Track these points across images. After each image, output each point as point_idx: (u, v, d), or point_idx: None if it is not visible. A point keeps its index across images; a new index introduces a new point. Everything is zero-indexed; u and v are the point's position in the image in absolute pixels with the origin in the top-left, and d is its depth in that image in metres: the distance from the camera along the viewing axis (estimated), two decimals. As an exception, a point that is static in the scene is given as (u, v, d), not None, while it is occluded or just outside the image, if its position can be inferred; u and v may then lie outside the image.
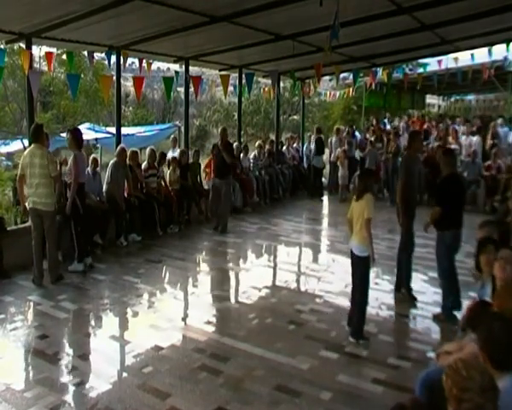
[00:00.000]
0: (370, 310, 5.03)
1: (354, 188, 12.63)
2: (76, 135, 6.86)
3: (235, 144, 11.59)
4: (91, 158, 8.38)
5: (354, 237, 4.84)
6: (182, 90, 11.58)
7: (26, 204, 6.33)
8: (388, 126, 16.00)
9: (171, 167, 9.54)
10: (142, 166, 9.00)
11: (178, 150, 10.45)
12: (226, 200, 9.22)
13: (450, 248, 5.42)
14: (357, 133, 14.66)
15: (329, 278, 6.77)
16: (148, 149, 9.43)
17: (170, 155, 10.51)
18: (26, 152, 6.38)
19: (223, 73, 10.72)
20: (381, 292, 6.08)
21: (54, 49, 10.01)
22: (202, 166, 10.81)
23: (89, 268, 6.86)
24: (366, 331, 4.90)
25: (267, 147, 12.62)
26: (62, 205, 7.36)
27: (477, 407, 1.91)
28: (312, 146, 12.89)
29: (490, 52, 11.51)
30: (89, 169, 7.96)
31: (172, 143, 11.66)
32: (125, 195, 8.34)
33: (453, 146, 13.04)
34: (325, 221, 11.24)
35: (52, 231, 6.36)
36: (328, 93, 16.50)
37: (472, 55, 12.04)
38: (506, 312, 2.63)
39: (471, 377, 1.95)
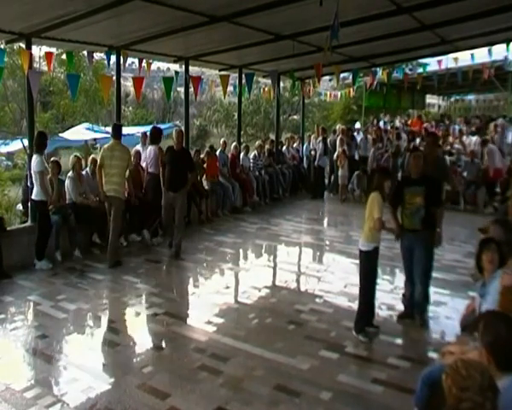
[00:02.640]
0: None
1: (353, 188, 12.70)
2: (151, 132, 8.59)
3: (233, 144, 11.58)
4: (90, 158, 8.41)
5: (362, 234, 4.99)
6: (182, 90, 11.57)
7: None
8: (388, 127, 16.00)
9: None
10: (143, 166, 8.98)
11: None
12: (180, 216, 7.68)
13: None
14: (356, 133, 14.65)
15: (329, 278, 6.77)
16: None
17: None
18: (106, 146, 7.41)
19: (223, 73, 10.72)
20: (381, 292, 6.05)
21: (54, 49, 10.01)
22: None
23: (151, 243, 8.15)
24: (369, 330, 4.93)
25: (267, 147, 12.62)
26: (60, 205, 7.39)
27: (476, 406, 1.91)
28: (317, 146, 12.88)
29: (490, 52, 11.53)
30: (87, 169, 8.08)
31: (142, 139, 10.04)
32: (125, 195, 8.33)
33: (456, 146, 13.08)
34: (325, 221, 11.24)
35: (117, 218, 7.15)
36: (328, 93, 16.52)
37: (472, 55, 12.07)
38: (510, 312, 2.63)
39: (470, 376, 1.95)
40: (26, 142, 9.19)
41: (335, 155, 12.81)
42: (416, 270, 5.13)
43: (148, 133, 9.68)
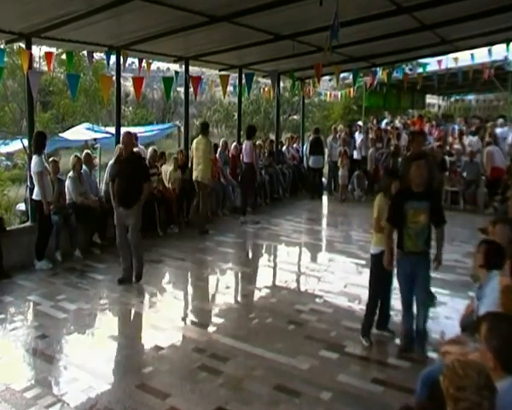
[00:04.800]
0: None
1: (353, 188, 12.70)
2: (247, 130, 10.52)
3: (233, 144, 11.52)
4: (84, 154, 8.38)
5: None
6: (182, 90, 11.57)
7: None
8: (388, 127, 15.99)
9: (171, 167, 9.53)
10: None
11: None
12: (135, 237, 6.33)
13: None
14: (357, 133, 14.64)
15: (329, 278, 6.77)
16: (150, 149, 9.43)
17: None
18: (194, 141, 9.13)
19: (222, 73, 10.72)
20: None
21: (53, 49, 10.00)
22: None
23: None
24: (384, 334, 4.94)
25: (267, 147, 12.61)
26: (61, 205, 7.39)
27: (473, 405, 1.91)
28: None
29: (490, 52, 11.52)
30: (85, 167, 8.05)
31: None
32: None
33: (456, 146, 13.06)
34: (325, 221, 11.24)
35: (204, 198, 8.90)
36: (328, 93, 16.51)
37: (472, 55, 12.05)
38: None
39: (467, 376, 1.94)
40: (25, 142, 9.17)
41: (327, 156, 12.86)
42: (418, 295, 4.51)
43: (136, 134, 9.99)
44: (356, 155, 13.30)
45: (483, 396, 1.90)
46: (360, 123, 15.92)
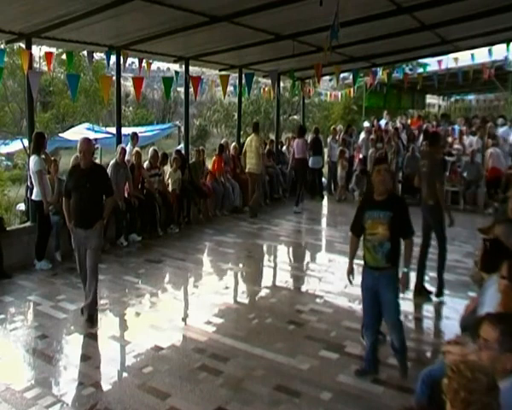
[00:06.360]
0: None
1: (353, 188, 12.69)
2: (298, 129, 11.89)
3: (232, 144, 11.55)
4: (75, 155, 8.39)
5: None
6: (182, 90, 11.58)
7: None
8: (390, 127, 15.97)
9: (172, 167, 9.54)
10: (145, 166, 8.99)
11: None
12: (93, 264, 5.34)
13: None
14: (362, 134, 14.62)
15: (329, 278, 6.77)
16: (151, 150, 9.44)
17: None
18: (248, 138, 10.63)
19: (223, 73, 10.72)
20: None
21: (53, 49, 10.01)
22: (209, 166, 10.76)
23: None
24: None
25: (267, 147, 12.60)
26: (61, 205, 7.38)
27: (484, 406, 1.93)
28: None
29: (490, 52, 11.52)
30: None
31: (133, 140, 9.38)
32: (126, 195, 8.34)
33: (456, 146, 13.06)
34: (325, 221, 11.24)
35: (257, 186, 10.39)
36: (328, 93, 16.50)
37: (472, 55, 12.05)
38: None
39: (477, 378, 1.96)
40: (25, 142, 9.18)
41: (326, 156, 12.91)
42: (387, 317, 4.09)
43: (137, 134, 9.95)
44: (360, 155, 13.30)
45: (492, 397, 1.93)
46: (367, 123, 15.87)
